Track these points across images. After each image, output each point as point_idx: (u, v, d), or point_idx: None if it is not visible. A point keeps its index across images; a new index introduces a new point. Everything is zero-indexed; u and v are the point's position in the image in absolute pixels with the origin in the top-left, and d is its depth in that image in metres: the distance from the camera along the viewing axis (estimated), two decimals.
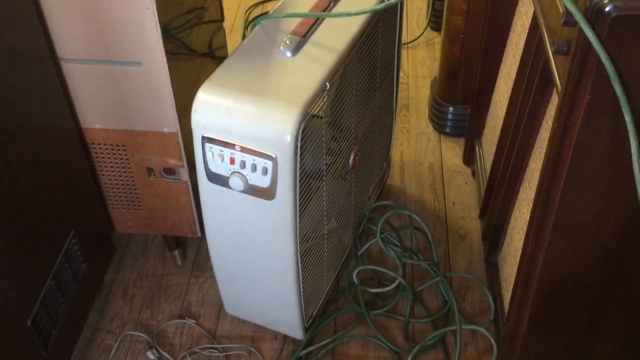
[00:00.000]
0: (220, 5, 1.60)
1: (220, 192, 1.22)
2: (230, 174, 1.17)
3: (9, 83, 1.11)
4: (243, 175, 1.17)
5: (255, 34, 1.28)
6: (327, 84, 1.17)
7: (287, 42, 1.23)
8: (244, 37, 2.39)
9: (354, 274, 1.53)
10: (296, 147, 1.11)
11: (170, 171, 1.41)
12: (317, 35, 1.26)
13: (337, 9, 1.33)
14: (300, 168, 1.15)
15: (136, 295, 1.60)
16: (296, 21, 1.28)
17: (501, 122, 1.54)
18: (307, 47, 1.23)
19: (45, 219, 1.26)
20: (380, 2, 1.35)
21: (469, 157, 1.87)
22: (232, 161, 1.16)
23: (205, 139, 1.16)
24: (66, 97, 1.30)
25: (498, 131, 1.58)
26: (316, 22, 1.28)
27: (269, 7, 2.57)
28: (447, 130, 2.00)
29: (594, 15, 0.84)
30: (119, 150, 1.39)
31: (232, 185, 1.18)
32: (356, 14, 1.26)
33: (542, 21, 1.10)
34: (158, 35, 1.19)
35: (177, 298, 1.59)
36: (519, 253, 1.33)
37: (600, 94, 0.89)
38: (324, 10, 1.31)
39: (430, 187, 1.86)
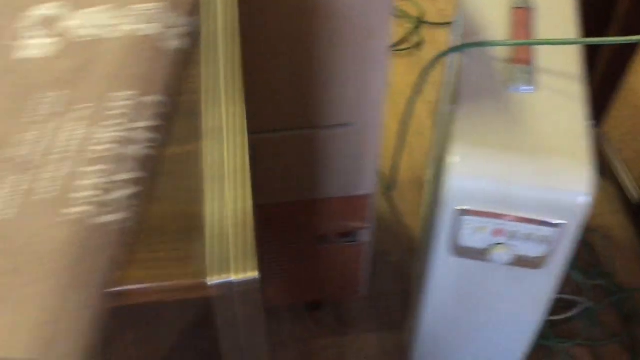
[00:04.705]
0: None
1: (465, 265, 1.01)
2: (492, 247, 0.97)
3: None
4: (509, 246, 0.96)
5: (466, 69, 1.05)
6: (590, 124, 0.98)
7: (518, 74, 1.02)
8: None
9: None
10: (588, 208, 0.92)
11: (347, 234, 1.18)
12: (543, 61, 1.05)
13: (540, 21, 1.11)
14: None
15: None
16: (499, 47, 1.06)
17: None
18: (543, 78, 1.02)
19: None
20: None
21: None
22: (498, 233, 0.96)
23: (462, 212, 0.94)
24: None
25: None
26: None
27: None
28: None
29: None
30: (289, 220, 1.14)
31: (493, 259, 0.98)
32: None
33: None
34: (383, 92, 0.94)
35: None
36: None
37: None
38: (526, 27, 1.10)
39: None
